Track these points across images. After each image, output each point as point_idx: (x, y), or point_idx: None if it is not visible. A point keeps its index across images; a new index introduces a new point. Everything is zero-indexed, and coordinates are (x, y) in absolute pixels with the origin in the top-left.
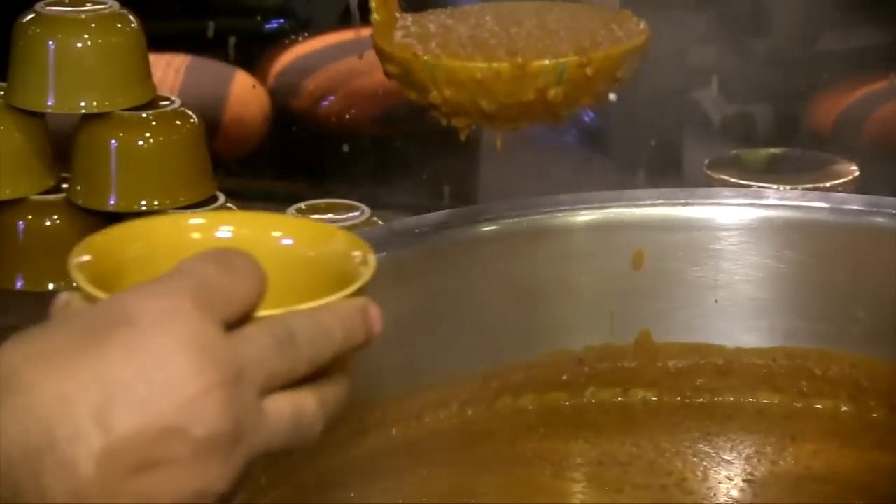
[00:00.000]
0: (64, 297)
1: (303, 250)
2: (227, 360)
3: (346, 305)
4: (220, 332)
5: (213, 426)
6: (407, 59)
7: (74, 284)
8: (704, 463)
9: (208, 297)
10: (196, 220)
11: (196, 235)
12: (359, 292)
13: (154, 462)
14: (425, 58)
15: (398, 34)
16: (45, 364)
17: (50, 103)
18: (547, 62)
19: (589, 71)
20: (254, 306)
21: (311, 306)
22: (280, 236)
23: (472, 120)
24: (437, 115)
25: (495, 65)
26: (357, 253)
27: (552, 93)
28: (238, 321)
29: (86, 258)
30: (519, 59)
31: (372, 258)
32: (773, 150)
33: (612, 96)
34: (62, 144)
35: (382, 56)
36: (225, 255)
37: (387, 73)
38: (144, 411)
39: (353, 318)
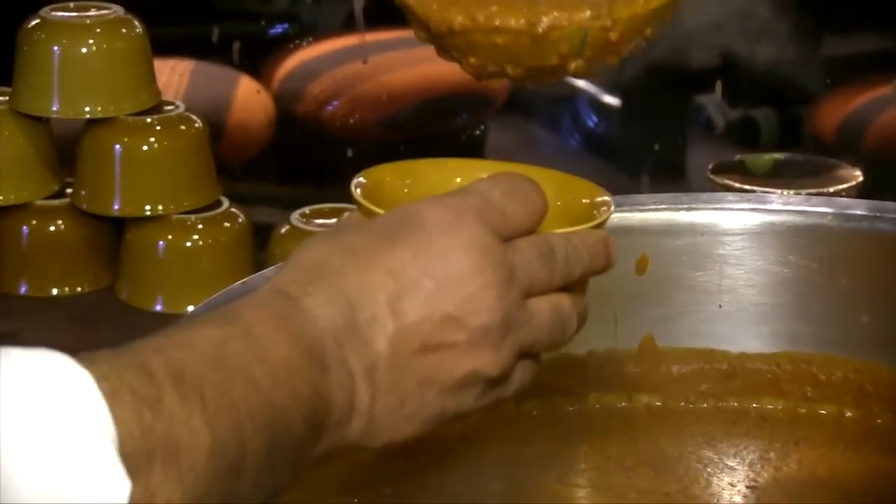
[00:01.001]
0: (347, 214)
1: (552, 198)
2: (500, 262)
3: (593, 234)
4: (496, 240)
5: (486, 317)
6: (425, 19)
7: (358, 200)
8: (708, 469)
9: (489, 214)
10: (460, 166)
11: (458, 180)
12: (600, 227)
13: (435, 345)
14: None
15: None
16: (348, 258)
17: (55, 108)
18: (567, 26)
19: (612, 36)
20: (529, 230)
21: (566, 231)
22: None
23: (504, 78)
24: (471, 74)
25: (514, 28)
26: (596, 199)
27: (574, 64)
28: (510, 238)
29: (363, 180)
30: (538, 28)
31: (610, 200)
32: (776, 155)
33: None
34: (67, 149)
35: (405, 11)
36: (513, 182)
37: (416, 35)
38: (429, 302)
39: (598, 245)
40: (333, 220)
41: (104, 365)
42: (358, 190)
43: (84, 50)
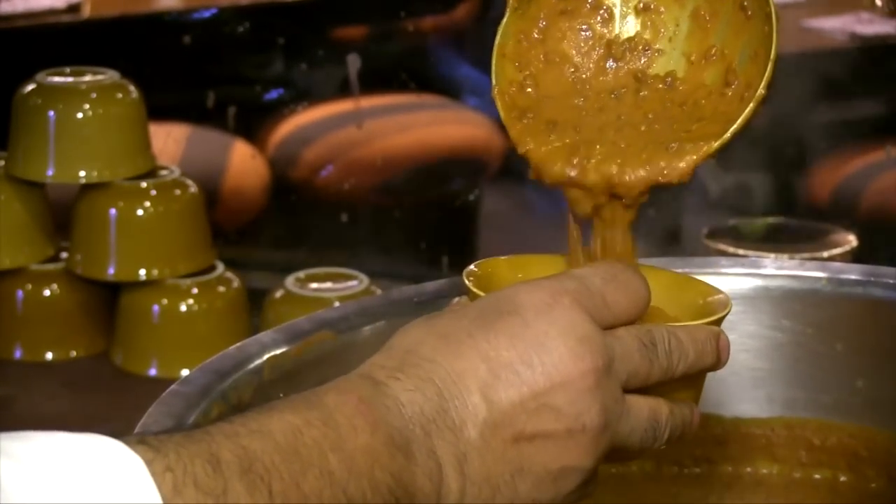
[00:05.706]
0: (457, 299)
1: (669, 299)
2: (600, 351)
3: (702, 329)
4: (595, 326)
5: (584, 407)
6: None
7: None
8: None
9: (588, 299)
10: (566, 264)
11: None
12: (714, 324)
13: (530, 435)
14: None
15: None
16: (441, 343)
17: (50, 173)
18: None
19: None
20: (630, 319)
21: (672, 325)
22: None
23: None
24: None
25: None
26: (711, 298)
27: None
28: (610, 327)
29: (475, 269)
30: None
31: (728, 300)
32: (770, 220)
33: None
34: (62, 214)
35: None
36: (614, 269)
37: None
38: (524, 390)
39: (706, 341)
40: (328, 285)
41: (172, 454)
42: (470, 279)
43: (80, 115)
